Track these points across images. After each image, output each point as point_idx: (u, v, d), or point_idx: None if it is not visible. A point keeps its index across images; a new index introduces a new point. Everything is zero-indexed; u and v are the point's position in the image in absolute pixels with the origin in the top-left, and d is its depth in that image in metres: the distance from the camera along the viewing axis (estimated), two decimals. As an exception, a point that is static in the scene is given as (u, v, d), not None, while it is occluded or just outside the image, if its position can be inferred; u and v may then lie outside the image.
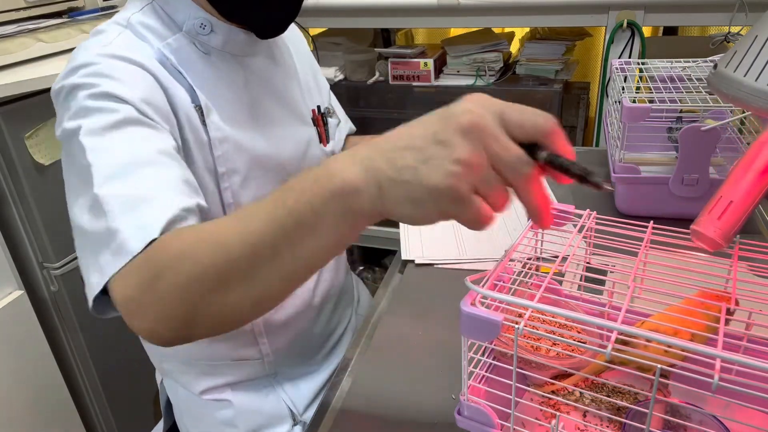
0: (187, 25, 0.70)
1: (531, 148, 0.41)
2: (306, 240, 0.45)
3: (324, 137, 0.89)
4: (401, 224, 0.89)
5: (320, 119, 0.90)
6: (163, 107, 0.64)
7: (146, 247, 0.50)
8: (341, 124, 0.96)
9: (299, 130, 0.83)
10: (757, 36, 0.52)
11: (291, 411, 0.85)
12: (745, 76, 0.52)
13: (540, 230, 0.59)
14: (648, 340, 0.40)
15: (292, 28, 0.89)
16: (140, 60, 0.64)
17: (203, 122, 0.69)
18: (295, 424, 0.85)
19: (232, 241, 0.46)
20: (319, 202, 0.43)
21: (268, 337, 0.82)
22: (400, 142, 0.43)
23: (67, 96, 0.61)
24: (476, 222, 0.41)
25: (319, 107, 0.90)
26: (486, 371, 0.54)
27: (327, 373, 0.88)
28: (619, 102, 0.91)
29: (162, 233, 0.51)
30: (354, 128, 1.03)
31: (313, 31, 1.92)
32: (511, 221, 0.88)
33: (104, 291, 0.54)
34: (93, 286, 0.54)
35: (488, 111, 0.41)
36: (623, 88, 0.89)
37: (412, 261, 0.83)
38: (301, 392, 0.86)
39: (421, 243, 0.86)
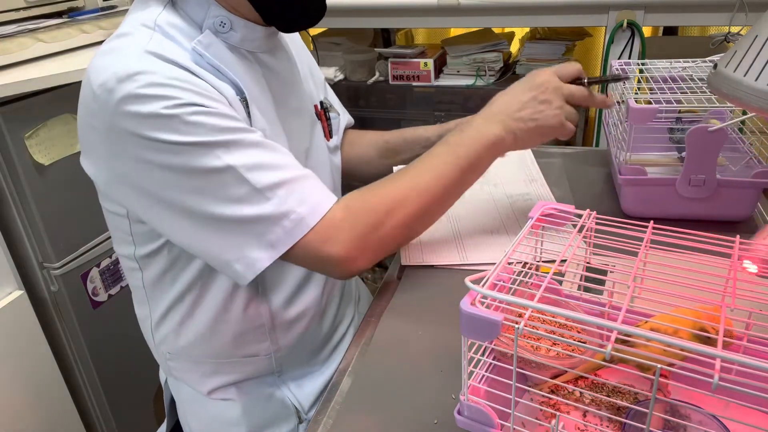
0: (206, 24, 0.69)
1: (574, 81, 0.77)
2: (473, 174, 0.75)
3: (327, 132, 0.89)
4: None
5: (323, 114, 0.89)
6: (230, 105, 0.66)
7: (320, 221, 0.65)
8: (340, 117, 0.96)
9: (308, 125, 0.83)
10: (757, 36, 0.52)
11: (296, 409, 0.85)
12: (744, 75, 0.52)
13: (540, 231, 0.59)
14: (648, 340, 0.40)
15: None
16: (183, 63, 0.63)
17: (248, 113, 0.69)
18: (300, 423, 0.85)
19: (433, 186, 0.71)
20: (482, 150, 0.73)
21: (277, 333, 0.82)
22: (515, 106, 0.74)
23: (143, 104, 0.59)
24: (570, 134, 0.76)
25: (322, 102, 0.90)
26: (486, 371, 0.54)
27: (330, 371, 0.88)
28: (621, 102, 0.91)
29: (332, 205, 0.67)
30: (352, 120, 1.03)
31: (313, 31, 1.91)
32: (510, 224, 0.88)
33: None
34: (256, 261, 0.65)
35: (554, 76, 0.75)
36: (626, 90, 0.89)
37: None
38: (306, 391, 0.86)
39: (421, 249, 0.85)
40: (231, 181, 0.62)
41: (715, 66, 0.57)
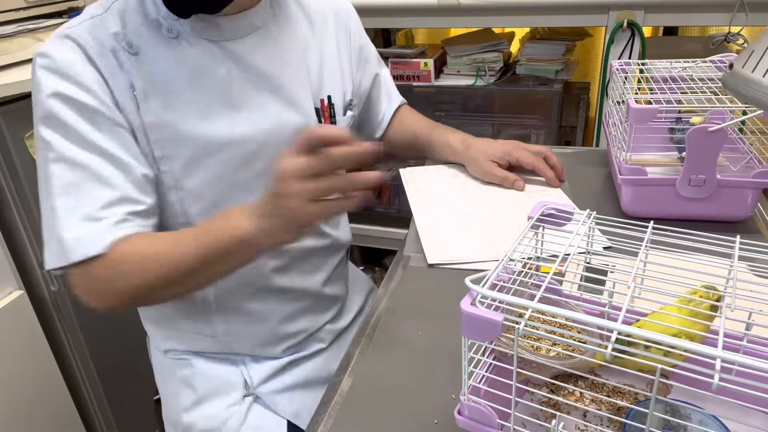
0: (161, 10, 0.72)
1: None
2: (218, 264, 0.69)
3: None
4: (420, 229, 0.89)
5: (327, 111, 0.86)
6: (106, 97, 0.71)
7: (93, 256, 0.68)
8: (386, 104, 1.03)
9: (284, 116, 0.80)
10: (772, 36, 0.52)
11: (245, 381, 0.87)
12: (764, 76, 0.51)
13: (541, 230, 0.59)
14: (648, 341, 0.40)
15: (344, 9, 0.94)
16: (92, 46, 0.70)
17: (138, 107, 0.72)
18: (246, 395, 0.86)
19: (172, 262, 0.68)
20: (228, 244, 0.67)
21: (220, 317, 0.84)
22: (265, 207, 0.64)
23: (38, 84, 0.70)
24: (329, 213, 0.62)
25: (329, 97, 0.86)
26: (486, 371, 0.54)
27: (288, 359, 0.90)
28: (621, 102, 0.91)
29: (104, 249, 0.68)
30: (404, 100, 1.08)
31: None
32: (520, 224, 0.88)
33: None
34: (46, 259, 0.70)
35: (285, 159, 0.61)
36: (627, 90, 0.88)
37: (412, 261, 0.83)
38: (261, 368, 0.88)
39: (440, 245, 0.84)
40: (49, 180, 0.69)
41: (731, 66, 0.57)
